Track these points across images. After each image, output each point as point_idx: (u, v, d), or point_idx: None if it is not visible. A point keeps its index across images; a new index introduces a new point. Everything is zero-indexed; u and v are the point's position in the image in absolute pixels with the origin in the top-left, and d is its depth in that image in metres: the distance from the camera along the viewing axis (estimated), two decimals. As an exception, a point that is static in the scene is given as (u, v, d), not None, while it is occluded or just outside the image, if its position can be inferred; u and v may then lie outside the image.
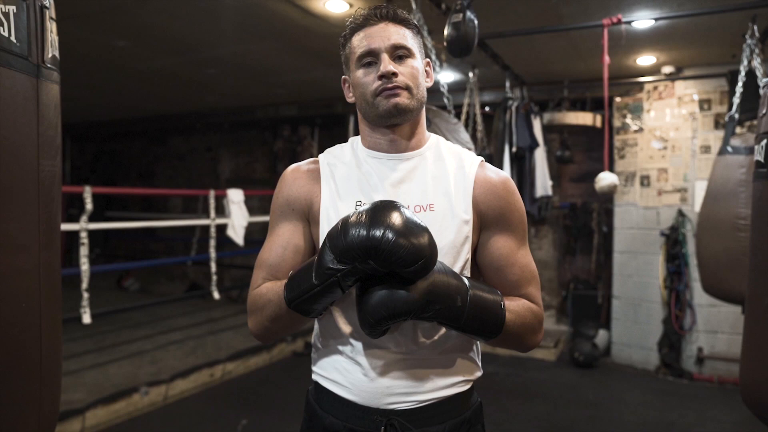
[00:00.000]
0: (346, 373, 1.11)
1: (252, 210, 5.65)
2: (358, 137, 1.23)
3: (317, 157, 1.24)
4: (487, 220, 1.14)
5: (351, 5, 3.43)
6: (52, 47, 0.95)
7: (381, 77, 1.09)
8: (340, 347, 1.13)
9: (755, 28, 3.30)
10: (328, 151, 1.24)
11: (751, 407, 1.82)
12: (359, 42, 1.13)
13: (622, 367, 5.27)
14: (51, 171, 0.95)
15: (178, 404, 4.14)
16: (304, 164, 1.23)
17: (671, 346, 4.98)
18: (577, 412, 4.18)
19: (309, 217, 1.17)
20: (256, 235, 7.29)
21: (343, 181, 1.16)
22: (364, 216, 0.94)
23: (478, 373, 1.18)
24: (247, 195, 5.45)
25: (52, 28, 0.95)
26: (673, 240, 5.01)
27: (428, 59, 1.22)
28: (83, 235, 3.80)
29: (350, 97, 1.20)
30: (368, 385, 1.09)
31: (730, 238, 3.08)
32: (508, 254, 1.14)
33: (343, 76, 1.21)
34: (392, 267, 0.93)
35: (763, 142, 1.79)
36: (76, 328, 4.42)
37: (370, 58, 1.12)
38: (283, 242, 1.16)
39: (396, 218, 0.93)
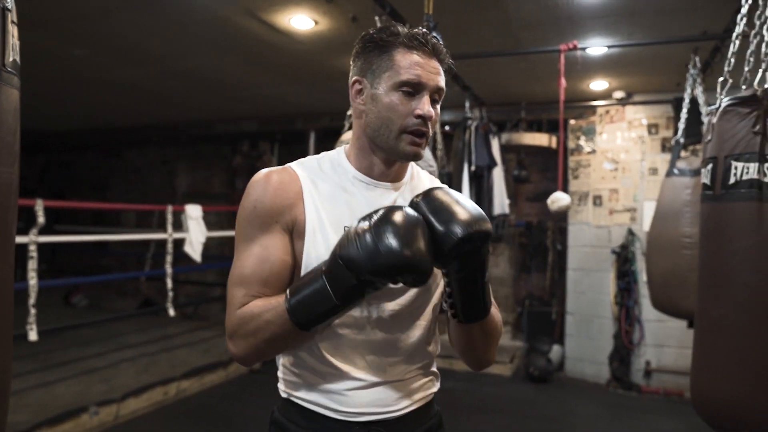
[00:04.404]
0: (324, 391, 1.10)
1: (209, 225, 5.57)
2: (339, 154, 1.17)
3: (286, 166, 1.15)
4: None
5: (316, 22, 3.48)
6: (14, 51, 0.93)
7: (420, 117, 1.05)
8: (316, 366, 1.11)
9: (697, 59, 3.52)
10: (301, 164, 1.15)
11: (702, 415, 1.91)
12: (408, 65, 1.05)
13: (575, 381, 5.41)
14: (8, 179, 0.91)
15: (129, 424, 4.00)
16: (281, 173, 1.12)
17: (621, 360, 5.15)
18: (533, 425, 4.26)
19: (293, 232, 1.09)
20: (213, 250, 7.17)
21: (329, 202, 1.10)
22: (382, 234, 0.91)
23: (439, 385, 1.24)
24: (205, 210, 5.37)
25: (13, 32, 0.93)
26: (623, 258, 5.21)
27: None
28: (32, 248, 3.67)
29: (360, 104, 1.12)
30: (347, 401, 1.09)
31: (677, 255, 3.24)
32: None
33: (358, 78, 1.12)
34: (416, 280, 0.95)
35: (709, 166, 1.91)
36: (22, 345, 4.22)
37: (412, 89, 1.06)
38: (270, 256, 1.07)
39: (417, 234, 0.93)
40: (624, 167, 5.31)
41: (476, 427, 4.18)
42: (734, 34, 2.07)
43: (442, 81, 1.09)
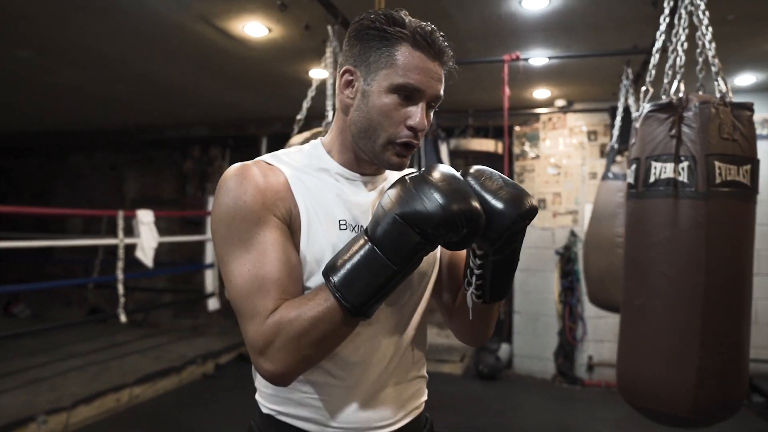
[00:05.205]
0: (314, 405, 1.02)
1: (160, 231, 5.51)
2: (317, 148, 1.08)
3: (257, 160, 1.04)
4: None
5: (270, 30, 3.55)
6: None
7: (411, 128, 0.97)
8: (311, 381, 1.02)
9: (629, 71, 3.80)
10: (275, 157, 1.05)
11: (626, 396, 2.10)
12: (411, 67, 0.95)
13: (523, 378, 5.62)
14: None
15: (80, 432, 3.94)
16: (259, 165, 1.01)
17: (566, 355, 5.40)
18: (484, 420, 4.43)
19: (290, 227, 0.98)
20: (163, 257, 7.09)
21: (321, 195, 1.00)
22: (443, 185, 0.87)
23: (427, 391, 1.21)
24: (156, 216, 5.32)
25: None
26: (566, 258, 5.47)
27: None
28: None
29: (348, 97, 1.01)
30: (341, 416, 1.02)
31: (612, 254, 3.47)
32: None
33: (350, 68, 1.00)
34: (474, 234, 0.90)
35: (633, 167, 2.11)
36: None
37: (410, 95, 0.96)
38: (283, 252, 0.94)
39: (470, 189, 0.91)
40: (566, 172, 5.58)
41: (428, 423, 4.31)
42: (654, 49, 2.29)
43: (442, 88, 1.00)
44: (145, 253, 5.06)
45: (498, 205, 0.91)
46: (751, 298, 1.96)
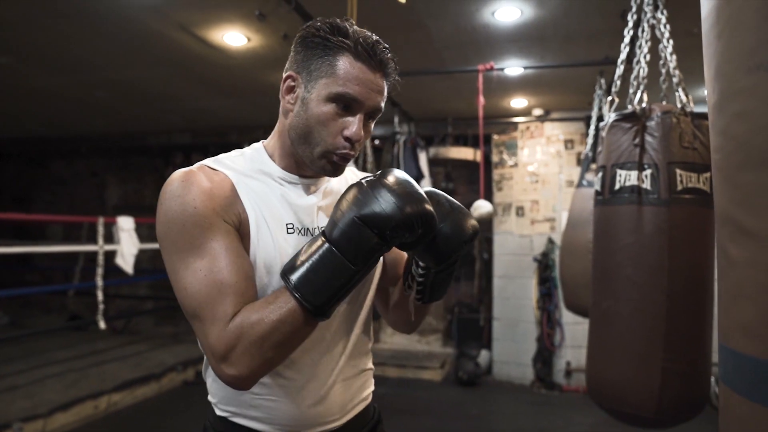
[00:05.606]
0: (270, 409, 1.04)
1: (142, 238, 5.50)
2: (259, 152, 1.08)
3: (201, 164, 1.02)
4: None
5: (249, 39, 3.59)
6: None
7: (348, 139, 0.98)
8: (262, 383, 1.02)
9: (602, 81, 3.89)
10: (219, 161, 1.04)
11: (594, 398, 2.15)
12: (350, 78, 0.96)
13: (501, 384, 5.67)
14: None
15: (56, 440, 3.91)
16: (206, 171, 1.00)
17: (544, 361, 5.47)
18: (462, 425, 4.47)
19: (239, 231, 0.98)
20: (145, 264, 7.06)
21: (267, 199, 1.01)
22: (399, 189, 0.89)
23: (373, 381, 1.26)
24: (137, 222, 5.31)
25: None
26: (544, 265, 5.55)
27: None
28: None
29: (289, 103, 1.02)
30: (296, 419, 1.05)
31: (585, 260, 3.54)
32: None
33: (293, 73, 1.01)
34: (428, 235, 0.94)
35: (600, 174, 2.18)
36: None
37: (348, 105, 0.97)
38: (238, 256, 0.94)
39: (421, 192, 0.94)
40: (544, 180, 5.67)
41: (405, 429, 4.34)
42: (619, 61, 2.37)
43: (382, 101, 1.01)
44: (125, 260, 5.04)
45: (446, 230, 0.98)
46: (713, 301, 2.03)
